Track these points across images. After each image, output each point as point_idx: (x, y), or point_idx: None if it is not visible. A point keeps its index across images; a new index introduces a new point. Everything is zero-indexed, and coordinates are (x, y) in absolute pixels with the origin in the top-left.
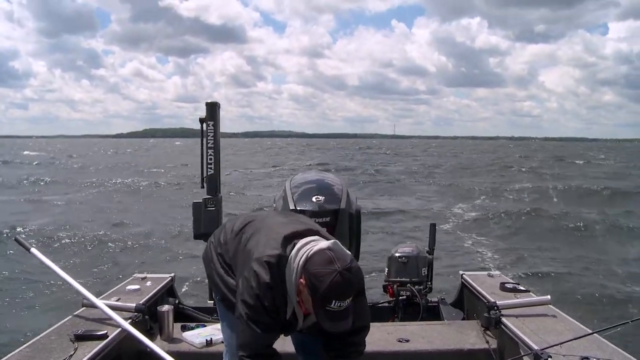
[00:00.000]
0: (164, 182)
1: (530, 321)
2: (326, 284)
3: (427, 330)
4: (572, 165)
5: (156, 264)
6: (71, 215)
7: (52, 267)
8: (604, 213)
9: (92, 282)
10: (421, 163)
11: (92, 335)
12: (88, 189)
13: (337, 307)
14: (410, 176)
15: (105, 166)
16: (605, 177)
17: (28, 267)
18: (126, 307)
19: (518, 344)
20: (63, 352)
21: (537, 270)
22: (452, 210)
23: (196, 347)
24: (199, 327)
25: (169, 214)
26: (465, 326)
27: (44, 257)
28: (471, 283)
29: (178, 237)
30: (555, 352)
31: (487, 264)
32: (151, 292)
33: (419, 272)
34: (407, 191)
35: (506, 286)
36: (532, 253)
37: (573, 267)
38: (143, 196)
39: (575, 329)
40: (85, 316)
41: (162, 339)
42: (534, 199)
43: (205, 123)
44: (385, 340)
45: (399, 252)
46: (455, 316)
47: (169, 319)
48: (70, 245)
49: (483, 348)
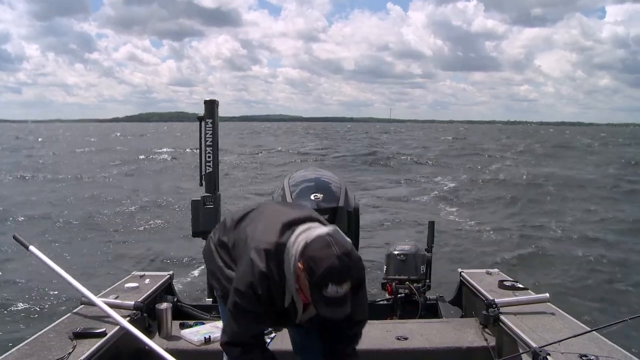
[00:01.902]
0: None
1: (529, 319)
2: (323, 267)
3: (425, 328)
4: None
5: (155, 262)
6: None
7: (50, 265)
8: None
9: (90, 280)
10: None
11: (90, 333)
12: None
13: (335, 293)
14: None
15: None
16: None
17: (26, 265)
18: (125, 305)
19: (516, 342)
20: (61, 350)
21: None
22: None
23: (195, 344)
24: (197, 325)
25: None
26: (464, 324)
27: (43, 255)
28: (469, 281)
29: (176, 235)
30: (553, 350)
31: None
32: (150, 290)
33: (417, 269)
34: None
35: (505, 284)
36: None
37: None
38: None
39: (574, 326)
40: (84, 314)
41: (160, 336)
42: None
43: (203, 121)
44: (383, 338)
45: (398, 249)
46: (453, 314)
47: (167, 316)
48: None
49: (481, 346)
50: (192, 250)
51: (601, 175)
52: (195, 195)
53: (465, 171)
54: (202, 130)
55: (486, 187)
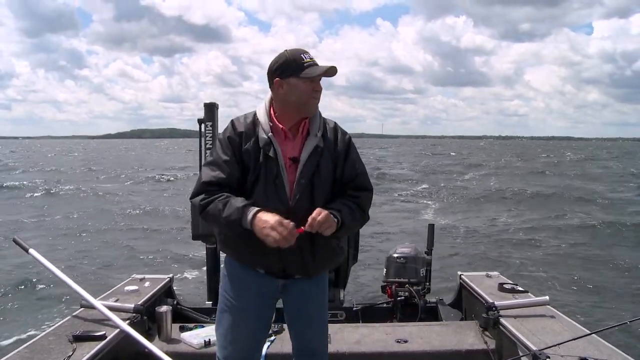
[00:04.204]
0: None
1: (529, 322)
2: (287, 52)
3: (425, 331)
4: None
5: (154, 265)
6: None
7: (50, 268)
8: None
9: (89, 284)
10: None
11: (90, 336)
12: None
13: (311, 60)
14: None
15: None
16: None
17: (26, 268)
18: (124, 308)
19: (516, 345)
20: (61, 353)
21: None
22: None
23: (194, 347)
24: (197, 328)
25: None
26: (464, 327)
27: (43, 258)
28: (469, 284)
29: (176, 238)
30: (553, 353)
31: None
32: (149, 293)
33: (417, 272)
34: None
35: (504, 287)
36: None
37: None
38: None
39: (574, 329)
40: (84, 317)
41: (160, 339)
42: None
43: (203, 124)
44: (383, 341)
45: (398, 252)
46: (453, 317)
47: (167, 319)
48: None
49: (481, 349)
50: (192, 253)
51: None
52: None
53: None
54: (201, 133)
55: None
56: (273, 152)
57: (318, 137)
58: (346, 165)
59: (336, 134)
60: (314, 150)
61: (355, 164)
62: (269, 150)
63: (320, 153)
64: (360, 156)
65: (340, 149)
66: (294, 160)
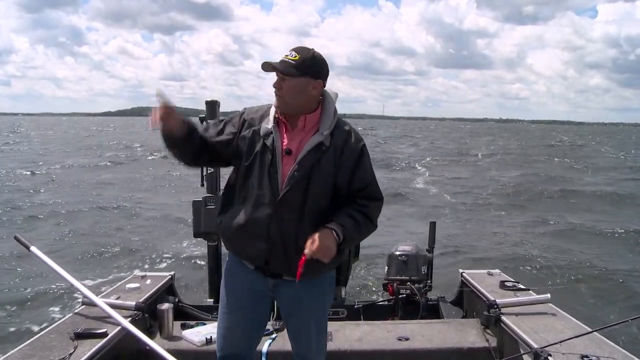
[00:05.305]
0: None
1: (530, 319)
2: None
3: (426, 329)
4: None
5: (156, 263)
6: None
7: (52, 265)
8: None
9: (91, 281)
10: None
11: (91, 333)
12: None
13: (285, 57)
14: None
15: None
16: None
17: (28, 265)
18: (126, 306)
19: (518, 342)
20: (63, 351)
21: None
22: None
23: (196, 345)
24: (198, 326)
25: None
26: (465, 324)
27: (44, 256)
28: (471, 281)
29: (178, 235)
30: (554, 351)
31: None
32: (151, 290)
33: (418, 270)
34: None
35: (506, 284)
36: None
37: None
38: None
39: (575, 327)
40: (85, 314)
41: (161, 337)
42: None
43: (205, 122)
44: (385, 339)
45: (399, 250)
46: (455, 314)
47: (168, 317)
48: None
49: (483, 346)
50: (194, 250)
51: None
52: (196, 196)
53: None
54: None
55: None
56: (271, 141)
57: (324, 135)
58: (357, 173)
59: (348, 138)
60: (316, 147)
61: (366, 173)
62: (267, 139)
63: (323, 151)
64: (372, 164)
65: (351, 156)
66: (287, 152)
